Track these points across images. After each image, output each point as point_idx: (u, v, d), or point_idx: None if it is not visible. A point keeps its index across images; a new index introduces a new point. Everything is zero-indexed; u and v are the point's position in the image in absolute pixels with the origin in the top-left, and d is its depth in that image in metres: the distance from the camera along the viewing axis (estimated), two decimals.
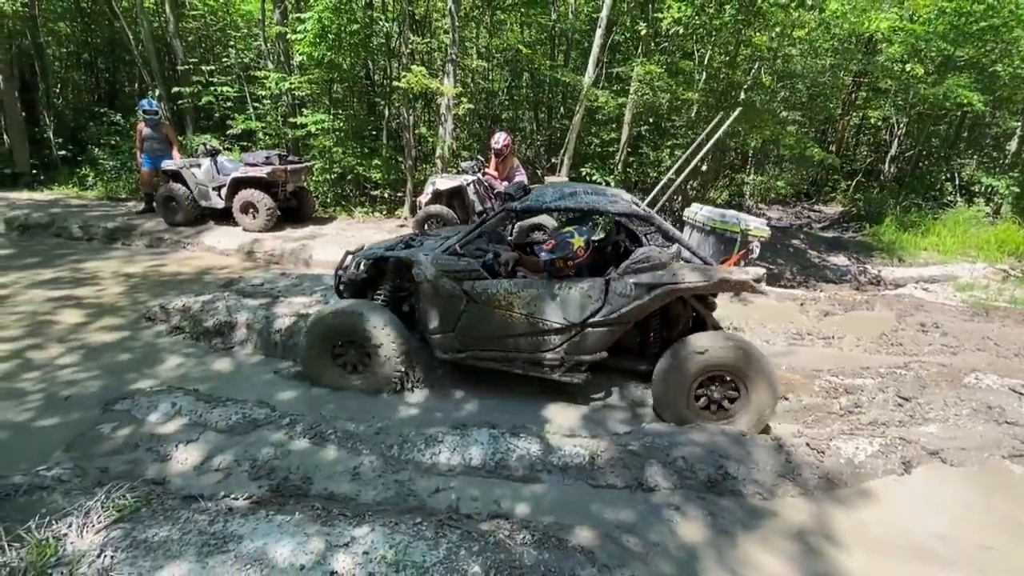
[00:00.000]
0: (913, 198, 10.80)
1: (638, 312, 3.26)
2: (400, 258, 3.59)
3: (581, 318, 3.30)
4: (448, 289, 3.39)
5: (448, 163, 7.73)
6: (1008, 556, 2.41)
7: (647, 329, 3.66)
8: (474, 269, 3.41)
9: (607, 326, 3.30)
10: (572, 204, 3.49)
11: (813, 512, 2.63)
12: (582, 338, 3.34)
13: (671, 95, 7.63)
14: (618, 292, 3.25)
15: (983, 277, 6.85)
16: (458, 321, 3.44)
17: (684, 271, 3.24)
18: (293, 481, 2.68)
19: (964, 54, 9.91)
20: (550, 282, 3.36)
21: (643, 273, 3.25)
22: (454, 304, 3.41)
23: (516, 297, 3.35)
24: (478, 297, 3.38)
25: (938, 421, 3.44)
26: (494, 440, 2.93)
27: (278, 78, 8.19)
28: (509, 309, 3.36)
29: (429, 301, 3.48)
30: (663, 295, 3.23)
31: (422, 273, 3.43)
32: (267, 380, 3.82)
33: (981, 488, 2.84)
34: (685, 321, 3.62)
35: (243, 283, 5.50)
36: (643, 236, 3.79)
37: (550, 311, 3.33)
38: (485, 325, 3.42)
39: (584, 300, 3.29)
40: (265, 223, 7.10)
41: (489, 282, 3.39)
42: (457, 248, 3.50)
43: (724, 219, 3.51)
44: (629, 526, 2.48)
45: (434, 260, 3.43)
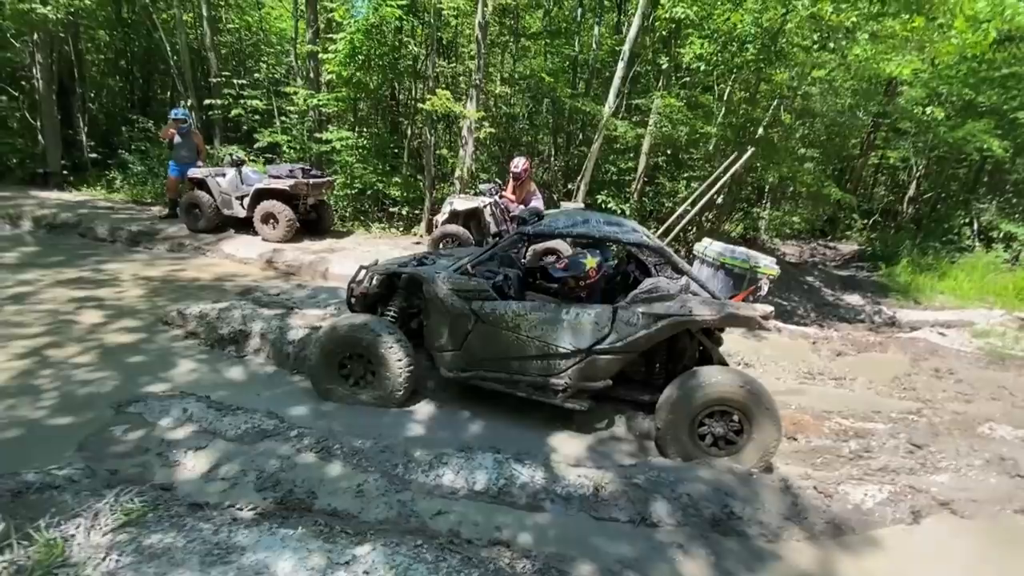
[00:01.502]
0: (930, 240, 10.72)
1: (645, 342, 3.27)
2: (412, 275, 3.65)
3: (587, 344, 3.31)
4: (457, 308, 3.43)
5: (466, 184, 7.85)
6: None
7: (653, 360, 3.67)
8: (483, 289, 3.45)
9: (613, 354, 3.31)
10: (584, 231, 3.54)
11: (818, 558, 2.59)
12: (587, 365, 3.34)
13: (689, 128, 7.72)
14: (625, 321, 3.27)
15: (1000, 324, 6.75)
16: (465, 340, 3.47)
17: (692, 303, 3.25)
18: (298, 494, 2.70)
19: (985, 100, 9.92)
20: (558, 306, 3.39)
21: (651, 303, 3.27)
22: (462, 323, 3.45)
23: (523, 319, 3.38)
24: (486, 317, 3.41)
25: (950, 471, 3.39)
26: (498, 465, 2.93)
27: (307, 94, 8.44)
28: (516, 331, 3.38)
29: (438, 318, 3.52)
30: (670, 326, 3.23)
31: (432, 290, 3.48)
32: (279, 391, 3.86)
33: (992, 542, 2.78)
34: (691, 355, 3.61)
35: (260, 292, 5.59)
36: (653, 267, 3.82)
37: (557, 335, 3.34)
38: (491, 345, 3.44)
39: (591, 327, 3.30)
40: (284, 234, 7.23)
41: (498, 303, 3.43)
42: (468, 268, 3.55)
43: (734, 255, 3.53)
44: (630, 561, 2.46)
45: (445, 278, 3.48)
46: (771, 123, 8.02)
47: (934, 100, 10.62)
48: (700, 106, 8.38)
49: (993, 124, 10.06)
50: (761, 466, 3.20)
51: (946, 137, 10.00)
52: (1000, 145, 9.19)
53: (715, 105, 8.25)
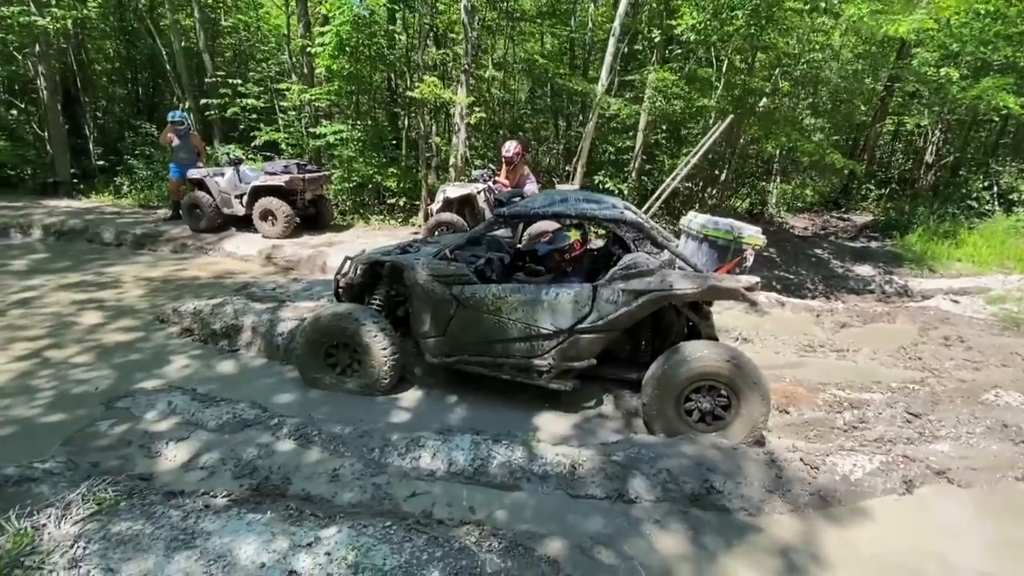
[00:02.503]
0: (948, 207, 10.34)
1: (626, 319, 3.22)
2: (393, 263, 3.65)
3: (569, 324, 3.27)
4: (438, 293, 3.42)
5: (461, 171, 7.81)
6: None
7: (638, 337, 3.61)
8: (463, 274, 3.42)
9: (596, 333, 3.26)
10: (561, 210, 3.48)
11: (801, 530, 2.52)
12: (570, 344, 3.30)
13: (685, 102, 7.53)
14: (606, 299, 3.22)
15: (1017, 289, 6.48)
16: (448, 325, 3.46)
17: (673, 278, 3.17)
18: (273, 481, 2.72)
19: (1000, 58, 9.47)
20: (539, 288, 3.35)
21: (631, 280, 3.20)
22: (444, 308, 3.43)
23: (504, 302, 3.35)
24: (467, 302, 3.39)
25: (949, 439, 3.26)
26: (476, 446, 2.91)
27: (300, 90, 8.45)
28: (498, 314, 3.36)
29: (420, 305, 3.51)
30: (650, 302, 3.17)
31: (412, 277, 3.47)
32: (267, 383, 3.90)
33: (989, 510, 2.67)
34: (678, 330, 3.54)
35: (256, 288, 5.65)
36: (632, 243, 3.74)
37: (538, 317, 3.31)
38: (474, 330, 3.42)
39: (572, 306, 3.26)
40: (283, 230, 7.29)
41: (478, 287, 3.40)
42: (447, 253, 3.54)
43: (717, 226, 3.42)
44: (604, 538, 2.42)
45: (424, 264, 3.47)
46: (771, 92, 7.77)
47: (948, 61, 10.18)
48: (698, 79, 8.16)
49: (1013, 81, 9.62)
50: (751, 440, 3.12)
51: (960, 98, 9.57)
52: (1017, 102, 8.77)
53: (714, 77, 8.02)
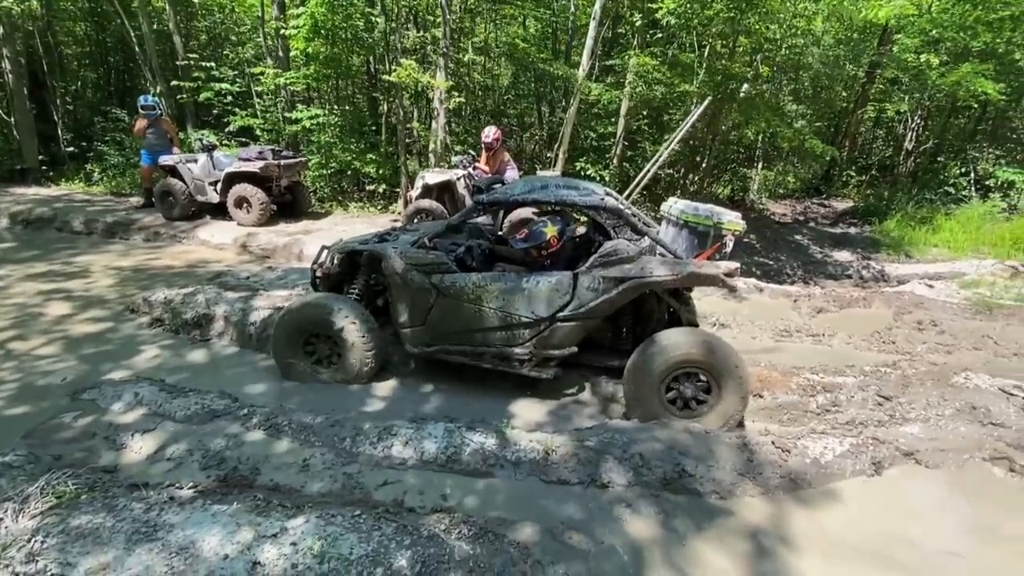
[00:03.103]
0: (926, 193, 10.47)
1: (607, 307, 3.20)
2: (370, 252, 3.57)
3: (549, 312, 3.25)
4: (417, 282, 3.36)
5: (441, 157, 7.70)
6: (974, 563, 2.29)
7: (619, 324, 3.59)
8: (442, 262, 3.37)
9: (576, 320, 3.24)
10: (540, 197, 3.43)
11: (771, 513, 2.54)
12: (551, 333, 3.28)
13: (667, 88, 7.48)
14: (586, 286, 3.19)
15: (990, 274, 6.59)
16: (428, 315, 3.41)
17: (652, 265, 3.16)
18: (241, 471, 2.67)
19: (980, 44, 9.55)
20: (519, 276, 3.31)
21: (611, 267, 3.17)
22: (423, 298, 3.38)
23: (484, 291, 3.30)
24: (447, 291, 3.34)
25: (918, 421, 3.31)
26: (449, 434, 2.89)
27: (274, 73, 8.24)
28: (478, 303, 3.32)
29: (399, 295, 3.45)
30: (631, 289, 3.15)
31: (391, 266, 3.40)
32: (239, 372, 3.83)
33: (956, 491, 2.71)
34: (659, 317, 3.53)
35: (229, 276, 5.54)
36: (612, 230, 3.71)
37: (518, 305, 3.28)
38: (454, 319, 3.38)
39: (552, 294, 3.23)
40: (259, 217, 7.15)
41: (458, 275, 3.35)
42: (426, 242, 3.47)
43: (697, 212, 3.40)
44: (576, 523, 2.42)
45: (402, 254, 3.40)
46: (753, 78, 7.75)
47: (929, 47, 10.24)
48: (679, 64, 8.11)
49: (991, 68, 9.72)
50: (732, 424, 3.14)
51: (940, 84, 9.65)
52: (995, 88, 8.86)
53: (695, 62, 7.98)
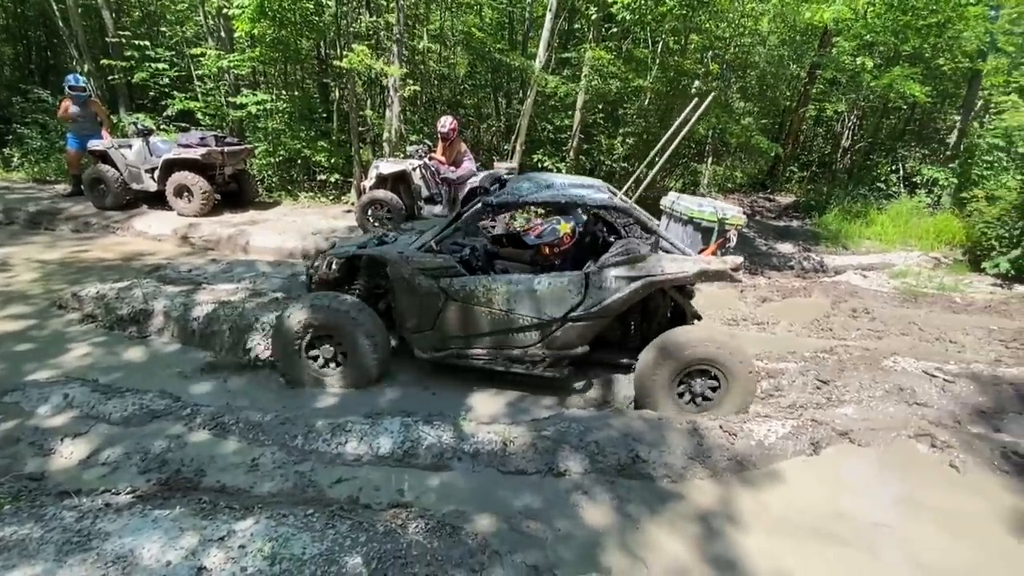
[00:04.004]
0: (860, 189, 11.09)
1: (619, 305, 3.21)
2: (373, 256, 3.45)
3: (562, 312, 3.24)
4: (425, 287, 3.28)
5: (396, 147, 7.54)
6: (899, 533, 2.46)
7: (627, 322, 3.60)
8: (451, 266, 3.30)
9: (589, 320, 3.24)
10: (550, 196, 3.38)
11: (719, 494, 2.64)
12: (564, 333, 3.27)
13: (622, 82, 7.60)
14: (598, 285, 3.20)
15: (916, 265, 7.09)
16: (437, 319, 3.33)
17: (664, 262, 3.19)
18: (185, 474, 2.55)
19: (909, 48, 10.16)
20: (529, 277, 3.29)
21: (623, 266, 3.19)
22: (432, 302, 3.29)
23: (495, 293, 3.26)
24: (456, 294, 3.27)
25: (853, 403, 3.53)
26: (406, 429, 2.85)
27: (217, 55, 7.82)
28: (489, 306, 3.27)
29: (406, 300, 3.35)
30: (644, 287, 3.18)
31: (397, 271, 3.30)
32: (181, 371, 3.65)
33: (884, 467, 2.90)
34: (664, 312, 3.58)
35: (169, 269, 5.26)
36: (622, 228, 3.70)
37: (531, 306, 3.25)
38: (465, 323, 3.32)
39: (564, 294, 3.22)
40: (201, 207, 6.79)
41: (467, 278, 3.28)
42: (433, 245, 3.37)
43: (701, 208, 3.52)
44: (533, 512, 2.44)
45: (408, 258, 3.30)
46: (704, 75, 7.97)
47: (864, 51, 10.80)
48: (634, 59, 8.24)
49: (919, 72, 10.36)
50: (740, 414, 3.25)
51: (873, 86, 10.22)
52: (921, 91, 9.47)
53: (649, 58, 8.13)
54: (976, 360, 4.35)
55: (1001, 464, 2.89)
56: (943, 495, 2.71)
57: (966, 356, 4.52)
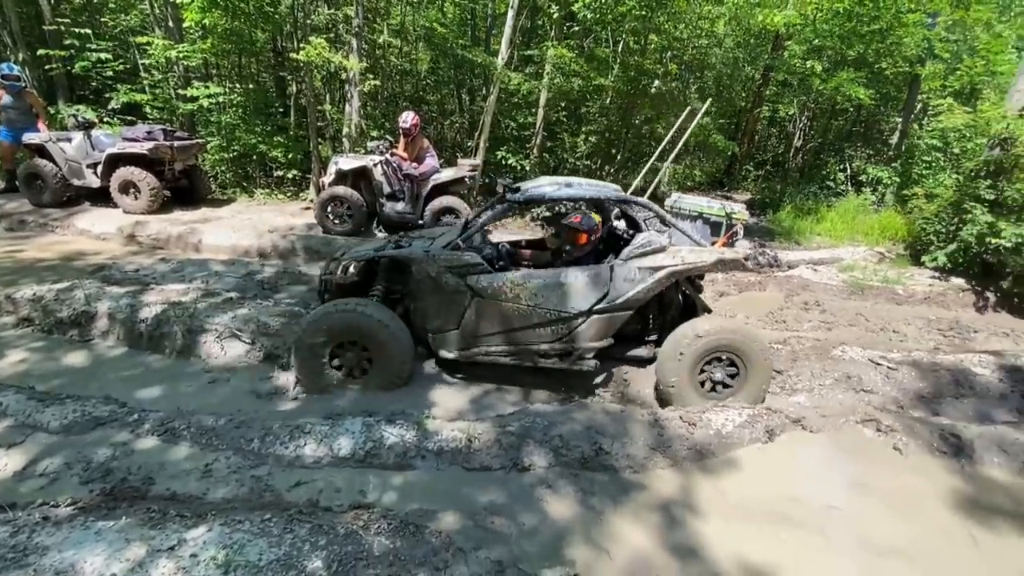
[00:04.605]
0: (811, 187, 11.54)
1: (644, 295, 3.32)
2: (398, 257, 3.42)
3: (588, 305, 3.31)
4: (452, 285, 3.28)
5: (355, 143, 7.38)
6: (849, 514, 2.57)
7: (646, 315, 3.69)
8: (477, 263, 3.31)
9: (615, 311, 3.34)
10: (573, 193, 3.48)
11: (680, 483, 2.70)
12: (590, 325, 3.34)
13: (584, 80, 7.67)
14: (623, 277, 3.29)
15: (863, 259, 7.42)
16: (462, 317, 3.33)
17: (683, 253, 3.33)
18: (131, 482, 2.43)
19: (854, 53, 10.63)
20: (556, 271, 3.35)
21: (646, 257, 3.31)
22: (458, 300, 3.31)
23: (523, 288, 3.30)
24: (483, 291, 3.30)
25: (804, 391, 3.67)
26: (367, 429, 2.79)
27: (165, 45, 7.46)
28: (516, 301, 3.31)
29: (432, 299, 3.34)
30: (666, 277, 3.30)
31: (424, 270, 3.30)
32: (128, 375, 3.48)
33: (834, 451, 3.02)
34: (677, 305, 3.70)
35: (114, 270, 4.99)
36: (643, 222, 3.78)
37: (558, 300, 3.31)
38: (492, 319, 3.34)
39: (590, 288, 3.30)
40: (148, 204, 6.48)
41: (495, 275, 3.32)
42: (460, 243, 3.38)
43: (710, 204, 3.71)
44: (498, 507, 2.43)
45: (435, 256, 3.30)
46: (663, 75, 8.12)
47: (814, 55, 11.24)
48: (596, 58, 8.33)
49: (863, 75, 10.86)
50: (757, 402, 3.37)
51: (822, 89, 10.65)
52: (866, 94, 9.92)
53: (610, 57, 8.23)
54: (917, 348, 4.60)
55: (940, 446, 3.06)
56: (889, 477, 2.85)
57: (908, 345, 4.78)
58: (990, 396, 3.81)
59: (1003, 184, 6.27)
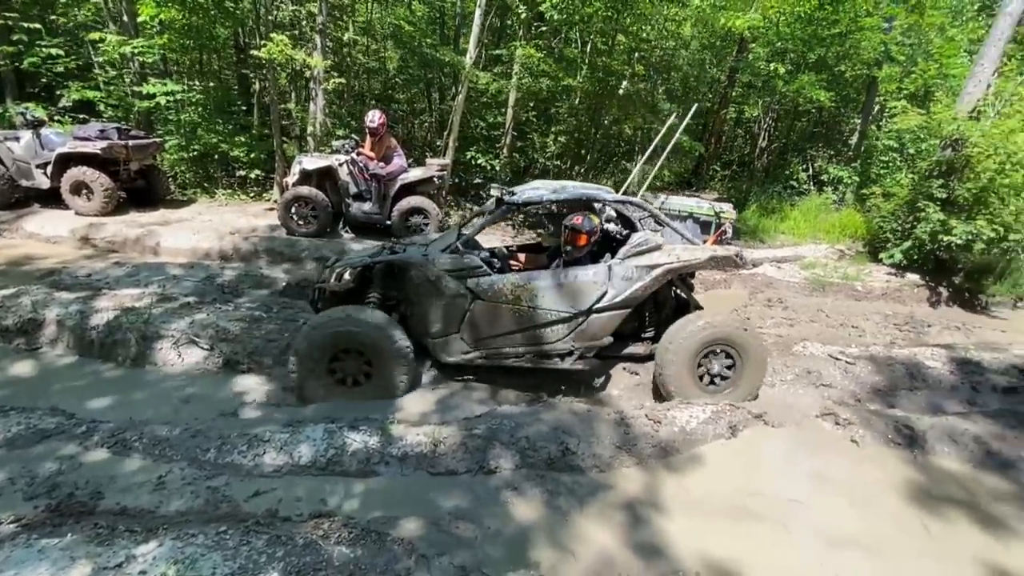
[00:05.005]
0: (775, 186, 11.84)
1: (642, 293, 3.37)
2: (395, 262, 3.37)
3: (588, 305, 3.33)
4: (452, 289, 3.25)
5: (320, 142, 7.24)
6: (809, 507, 2.63)
7: (642, 312, 3.73)
8: (478, 265, 3.30)
9: (614, 309, 3.37)
10: (570, 195, 3.51)
11: (645, 481, 2.72)
12: (590, 324, 3.37)
13: (552, 80, 7.70)
14: (621, 276, 3.33)
15: (824, 257, 7.64)
16: (463, 321, 3.31)
17: (678, 251, 3.39)
18: (79, 497, 2.32)
19: (815, 56, 10.95)
20: (555, 272, 3.37)
21: (643, 255, 3.36)
22: (459, 304, 3.28)
23: (524, 290, 3.30)
24: (484, 294, 3.28)
25: (767, 386, 3.74)
26: (330, 435, 2.74)
27: (119, 41, 7.18)
28: (517, 303, 3.31)
29: (430, 304, 3.30)
30: (663, 275, 3.35)
31: (423, 274, 3.26)
32: (77, 385, 3.33)
33: (795, 445, 3.09)
34: (671, 303, 3.78)
35: (65, 275, 4.78)
36: (637, 221, 3.80)
37: (558, 301, 3.33)
38: (493, 322, 3.33)
39: (589, 287, 3.33)
40: (102, 206, 6.22)
41: (495, 277, 3.31)
42: (459, 246, 3.35)
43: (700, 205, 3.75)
44: (463, 512, 2.41)
45: (434, 260, 3.26)
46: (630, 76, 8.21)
47: (777, 58, 11.53)
48: (564, 59, 8.37)
49: (824, 78, 11.19)
50: (754, 395, 3.49)
51: (785, 91, 10.93)
52: (827, 96, 10.23)
53: (578, 57, 8.28)
54: (874, 343, 4.75)
55: (895, 437, 3.16)
56: (846, 469, 2.93)
57: (866, 339, 4.93)
58: (942, 388, 3.96)
59: (954, 183, 6.53)
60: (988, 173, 6.17)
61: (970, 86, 7.05)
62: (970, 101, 6.91)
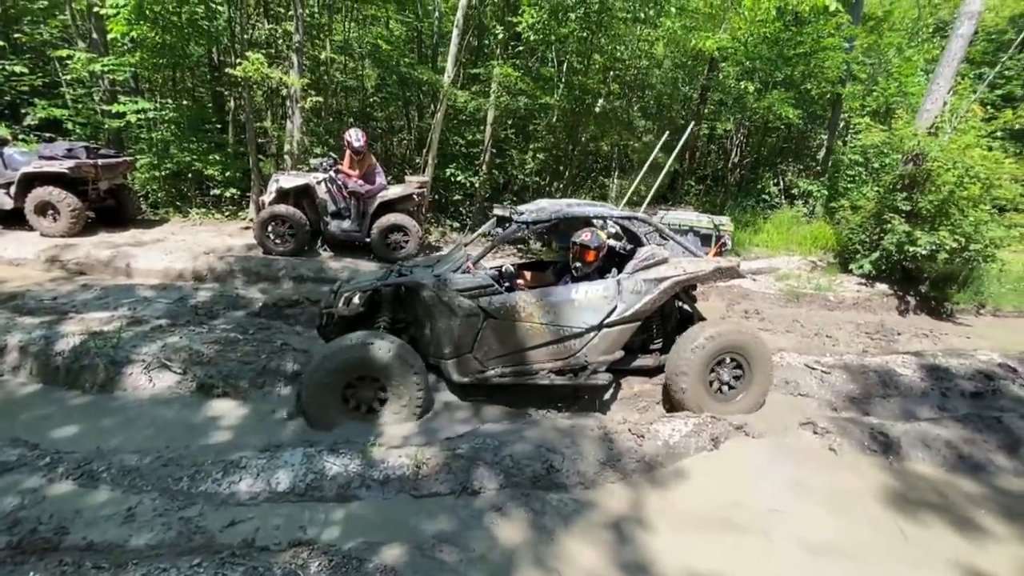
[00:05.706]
0: (748, 200, 12.13)
1: (651, 307, 3.41)
2: (406, 284, 3.35)
3: (599, 320, 3.35)
4: (465, 308, 3.23)
5: (297, 160, 7.18)
6: (790, 516, 2.65)
7: (650, 325, 3.77)
8: (489, 284, 3.29)
9: (625, 323, 3.40)
10: (578, 212, 3.61)
11: (629, 497, 2.71)
12: (601, 339, 3.39)
13: (530, 99, 7.80)
14: (630, 290, 3.37)
15: (797, 268, 7.82)
16: (476, 340, 3.28)
17: (684, 264, 3.46)
18: (43, 533, 2.22)
19: (782, 75, 11.33)
20: (566, 288, 3.38)
21: (651, 269, 3.42)
22: (471, 323, 3.25)
23: (536, 307, 3.31)
24: (496, 312, 3.26)
25: None
26: (308, 460, 2.67)
27: (87, 59, 7.05)
28: (530, 320, 3.31)
29: (443, 324, 3.27)
30: (671, 287, 3.40)
31: (435, 295, 3.23)
32: (41, 413, 3.19)
33: (775, 455, 3.13)
34: (676, 315, 3.84)
35: (28, 298, 4.61)
36: (643, 236, 3.83)
37: (570, 316, 3.35)
38: (506, 340, 3.32)
39: (600, 302, 3.36)
40: (69, 227, 6.05)
41: (506, 295, 3.31)
42: (470, 266, 3.35)
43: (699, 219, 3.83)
44: (447, 535, 2.37)
45: (446, 280, 3.24)
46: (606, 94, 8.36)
47: (747, 76, 11.90)
48: (541, 77, 8.50)
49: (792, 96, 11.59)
50: (761, 403, 3.54)
51: (755, 108, 11.27)
52: (795, 113, 10.57)
53: (555, 76, 8.41)
54: (847, 352, 4.86)
55: (870, 444, 3.23)
56: (825, 477, 2.98)
57: (839, 348, 5.04)
58: (913, 394, 4.06)
59: (917, 196, 6.78)
60: (948, 186, 6.42)
61: (928, 103, 7.36)
62: (928, 118, 7.21)
